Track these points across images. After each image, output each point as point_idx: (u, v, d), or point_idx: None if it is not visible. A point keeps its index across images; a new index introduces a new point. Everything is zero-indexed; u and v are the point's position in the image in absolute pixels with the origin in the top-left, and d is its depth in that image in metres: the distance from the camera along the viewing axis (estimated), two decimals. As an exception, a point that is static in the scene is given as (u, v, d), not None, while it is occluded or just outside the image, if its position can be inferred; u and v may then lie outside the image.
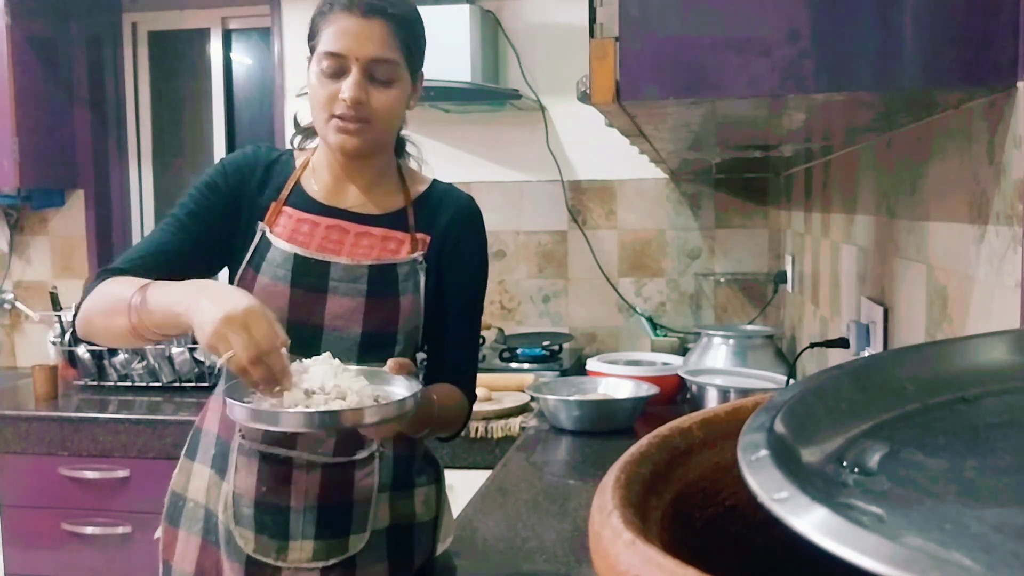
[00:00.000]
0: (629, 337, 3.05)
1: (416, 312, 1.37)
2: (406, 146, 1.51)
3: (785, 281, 2.77)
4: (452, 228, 1.41)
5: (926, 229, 1.18)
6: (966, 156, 1.01)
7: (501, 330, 2.95)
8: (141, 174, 3.46)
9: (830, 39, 0.85)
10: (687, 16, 0.87)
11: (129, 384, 2.80)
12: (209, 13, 3.32)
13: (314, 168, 1.42)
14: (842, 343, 1.61)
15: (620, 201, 3.03)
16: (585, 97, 0.96)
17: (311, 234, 1.36)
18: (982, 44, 0.84)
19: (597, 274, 3.04)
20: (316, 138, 1.46)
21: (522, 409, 2.39)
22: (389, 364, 1.20)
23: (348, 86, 1.28)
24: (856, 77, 0.86)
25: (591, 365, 2.49)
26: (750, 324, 2.78)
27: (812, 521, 0.33)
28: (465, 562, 1.46)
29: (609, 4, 0.86)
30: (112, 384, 2.82)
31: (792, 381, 1.93)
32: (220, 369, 1.49)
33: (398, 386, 1.19)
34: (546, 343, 2.83)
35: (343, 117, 1.29)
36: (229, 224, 1.37)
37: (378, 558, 1.36)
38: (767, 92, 0.87)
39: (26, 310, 3.28)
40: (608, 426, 2.15)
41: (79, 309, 1.28)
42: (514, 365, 2.75)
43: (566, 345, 2.90)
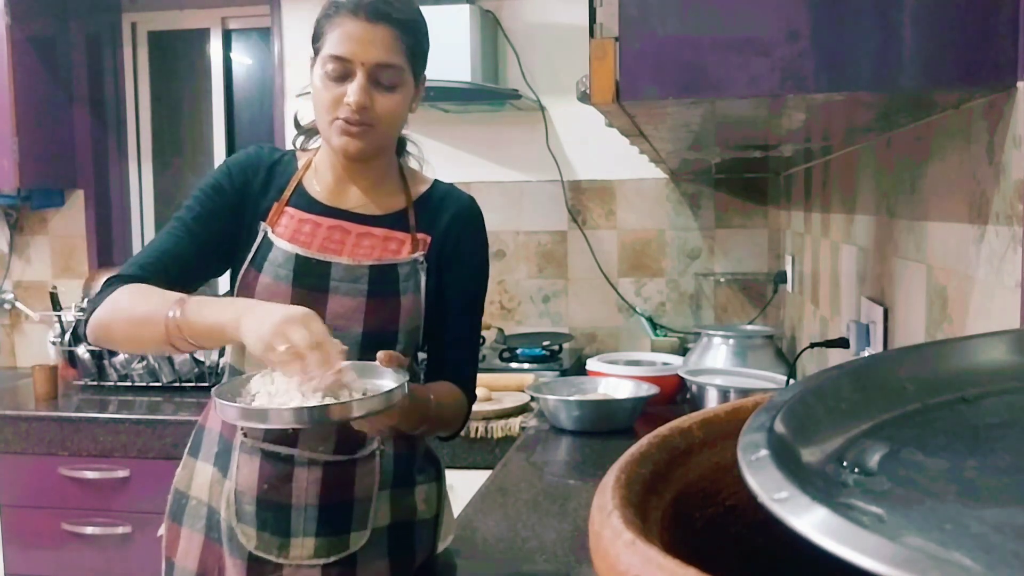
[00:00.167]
0: (629, 337, 3.05)
1: (417, 312, 1.38)
2: (406, 145, 1.51)
3: (785, 281, 2.77)
4: (453, 228, 1.42)
5: (926, 229, 1.18)
6: (966, 156, 1.01)
7: (501, 330, 2.95)
8: (141, 174, 3.46)
9: (830, 39, 0.85)
10: (687, 16, 0.87)
11: (129, 384, 2.80)
12: (209, 13, 3.32)
13: (316, 169, 1.42)
14: (842, 343, 1.61)
15: (620, 201, 3.03)
16: (585, 97, 0.96)
17: (313, 234, 1.37)
18: (982, 44, 0.84)
19: (597, 274, 3.04)
20: (317, 138, 1.46)
21: (522, 409, 2.39)
22: (380, 356, 1.21)
23: (353, 91, 1.28)
24: (856, 77, 0.86)
25: (591, 365, 2.49)
26: (750, 324, 2.78)
27: (812, 521, 0.33)
28: (465, 562, 1.46)
29: (609, 4, 0.86)
30: (112, 384, 2.82)
31: (792, 381, 1.93)
32: (223, 368, 1.50)
33: (388, 379, 1.18)
34: (546, 343, 2.83)
35: (347, 120, 1.30)
36: (234, 225, 1.38)
37: (379, 555, 1.37)
38: (767, 92, 0.87)
39: (26, 310, 3.27)
40: (608, 426, 2.15)
41: (91, 315, 1.29)
42: (514, 365, 2.75)
43: (566, 345, 2.90)
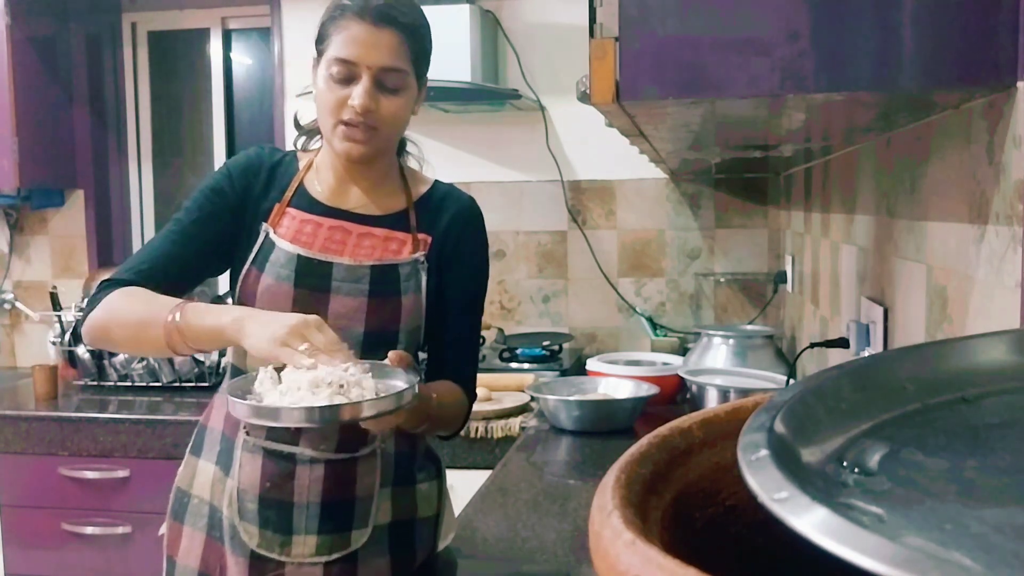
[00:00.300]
0: (629, 337, 3.05)
1: (418, 312, 1.39)
2: (406, 146, 1.52)
3: (785, 281, 2.77)
4: (453, 229, 1.43)
5: (926, 229, 1.18)
6: (966, 156, 1.01)
7: (501, 330, 2.95)
8: (141, 174, 3.46)
9: (829, 39, 0.85)
10: (687, 16, 0.87)
11: (129, 384, 2.80)
12: (209, 13, 3.32)
13: (317, 169, 1.43)
14: (842, 343, 1.61)
15: (620, 201, 3.03)
16: (585, 97, 0.96)
17: (314, 235, 1.38)
18: (982, 44, 0.84)
19: (597, 274, 3.04)
20: (318, 138, 1.47)
21: (522, 409, 2.39)
22: (390, 356, 1.23)
23: (358, 94, 1.29)
24: (856, 77, 0.86)
25: (591, 365, 2.49)
26: (750, 324, 2.78)
27: (812, 521, 0.33)
28: (465, 562, 1.46)
29: (609, 4, 0.86)
30: (112, 384, 2.82)
31: (792, 381, 1.93)
32: (225, 368, 1.51)
33: (398, 379, 1.20)
34: (546, 343, 2.83)
35: (351, 123, 1.31)
36: (233, 227, 1.39)
37: (380, 553, 1.38)
38: (767, 92, 0.87)
39: (26, 310, 3.27)
40: (608, 426, 2.15)
41: (87, 317, 1.31)
42: (514, 365, 2.75)
43: (566, 345, 2.90)
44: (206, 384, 2.76)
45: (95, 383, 2.83)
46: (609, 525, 0.39)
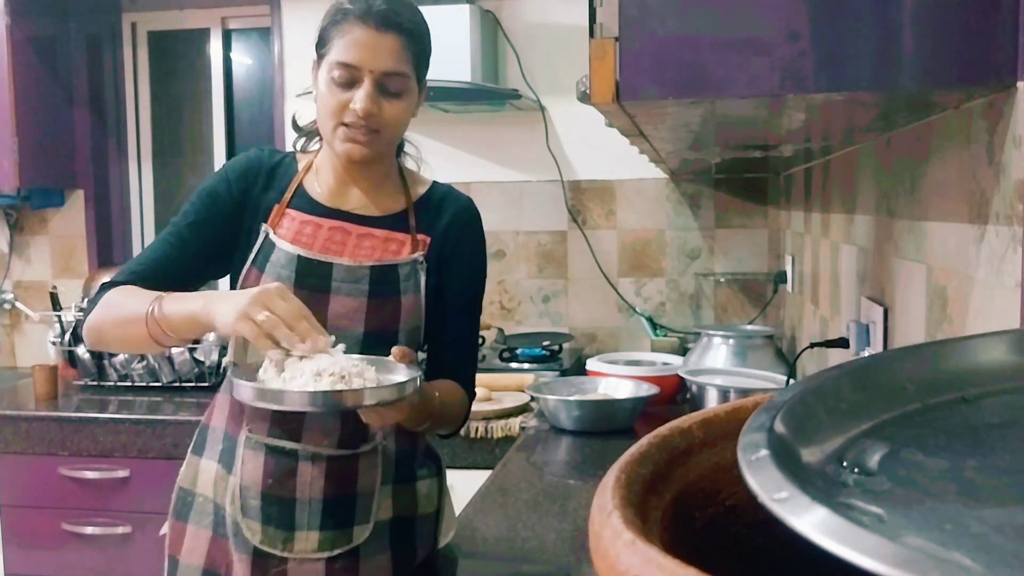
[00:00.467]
0: (629, 337, 3.05)
1: (417, 312, 1.40)
2: (404, 146, 1.53)
3: (785, 281, 2.77)
4: (452, 230, 1.44)
5: (926, 229, 1.18)
6: (965, 156, 1.01)
7: (501, 330, 2.95)
8: (141, 174, 3.46)
9: (829, 39, 0.85)
10: (687, 16, 0.87)
11: (129, 384, 2.80)
12: (209, 13, 3.32)
13: (317, 170, 1.44)
14: (842, 343, 1.61)
15: (620, 201, 3.03)
16: (585, 97, 0.96)
17: (314, 236, 1.38)
18: (982, 44, 0.84)
19: (597, 274, 3.04)
20: (316, 140, 1.47)
21: (522, 409, 2.39)
22: (393, 351, 1.25)
23: (360, 98, 1.29)
24: (855, 77, 0.86)
25: (591, 365, 2.49)
26: (750, 324, 2.78)
27: (812, 521, 0.33)
28: (465, 562, 1.46)
29: (609, 4, 0.86)
30: (112, 384, 2.82)
31: (792, 381, 1.93)
32: (225, 368, 1.51)
33: (400, 374, 1.22)
34: (546, 343, 2.83)
35: (352, 126, 1.31)
36: (232, 230, 1.40)
37: (381, 549, 1.40)
38: (766, 92, 0.87)
39: (26, 310, 3.27)
40: (608, 426, 2.15)
41: (86, 321, 1.34)
42: (514, 365, 2.75)
43: (566, 345, 2.90)
44: (206, 384, 2.76)
45: (95, 383, 2.83)
46: (609, 525, 0.39)
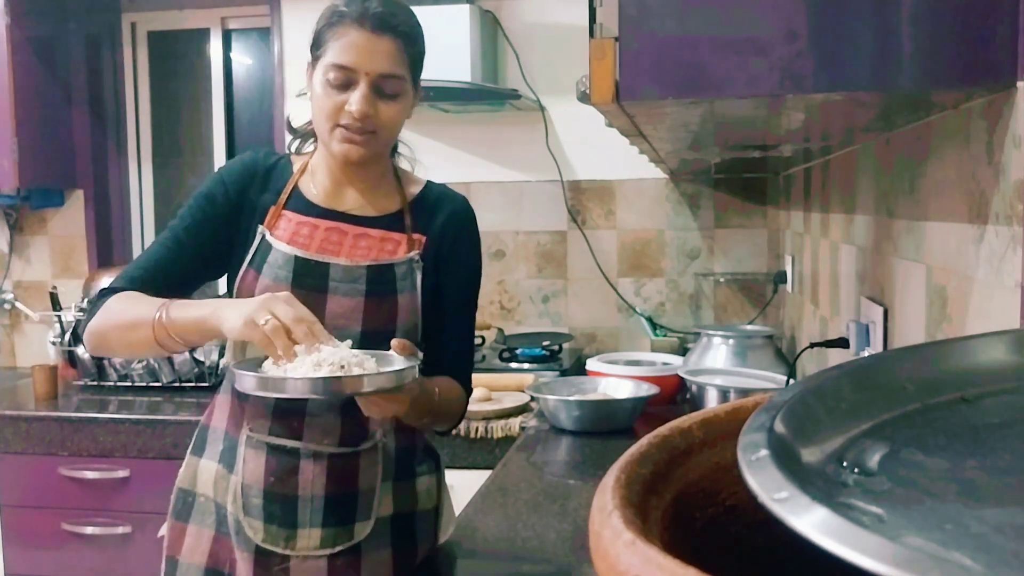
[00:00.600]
0: (629, 337, 3.05)
1: (414, 311, 1.41)
2: (398, 146, 1.54)
3: (785, 281, 2.77)
4: (448, 229, 1.45)
5: (925, 229, 1.18)
6: (965, 156, 1.02)
7: (501, 330, 2.95)
8: (141, 174, 3.46)
9: (828, 39, 0.85)
10: (686, 16, 0.87)
11: (129, 384, 2.80)
12: (209, 13, 3.32)
13: (312, 172, 1.45)
14: (842, 343, 1.61)
15: (619, 201, 3.03)
16: (585, 97, 0.96)
17: (311, 236, 1.39)
18: (981, 44, 0.84)
19: (597, 274, 3.04)
20: (311, 141, 1.48)
21: (522, 409, 2.38)
22: (393, 344, 1.27)
23: (357, 100, 1.30)
24: (854, 77, 0.86)
25: (591, 365, 2.49)
26: (750, 324, 2.78)
27: (812, 521, 0.33)
28: (466, 562, 1.47)
29: (609, 4, 0.86)
30: (112, 384, 2.82)
31: (792, 381, 1.93)
32: (224, 368, 1.52)
33: (399, 365, 1.24)
34: (546, 343, 2.83)
35: (349, 128, 1.32)
36: (229, 232, 1.41)
37: (382, 545, 1.41)
38: (766, 92, 0.87)
39: (26, 310, 3.27)
40: (608, 426, 2.15)
41: (87, 327, 1.35)
42: (514, 365, 2.75)
43: (566, 345, 2.90)
44: (206, 384, 2.76)
45: (95, 383, 2.83)
46: (609, 525, 0.39)
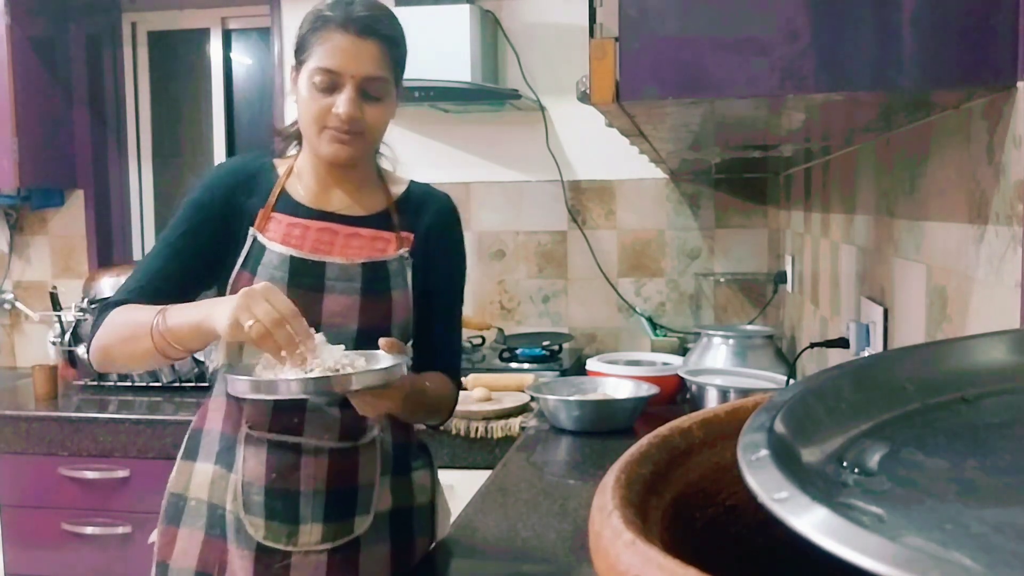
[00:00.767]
0: (629, 337, 3.05)
1: (407, 307, 1.44)
2: (380, 147, 1.55)
3: (785, 281, 2.77)
4: (435, 226, 1.49)
5: (925, 229, 1.18)
6: (965, 156, 1.02)
7: (501, 330, 2.95)
8: (141, 174, 3.46)
9: (829, 39, 0.85)
10: (686, 16, 0.87)
11: (129, 384, 2.80)
12: (209, 13, 3.32)
13: (298, 174, 1.46)
14: (842, 343, 1.61)
15: (620, 201, 3.03)
16: (585, 97, 0.96)
17: (303, 237, 1.41)
18: (982, 44, 0.84)
19: (597, 274, 3.04)
20: (295, 144, 1.51)
21: (522, 409, 2.38)
22: (381, 343, 1.29)
23: (343, 102, 1.33)
24: (855, 77, 0.86)
25: (591, 365, 2.49)
26: (750, 324, 2.78)
27: (812, 521, 0.33)
28: (465, 561, 1.46)
29: (609, 4, 0.86)
30: (112, 384, 2.82)
31: (792, 381, 1.93)
32: (215, 371, 1.53)
33: (387, 363, 1.26)
34: (546, 343, 2.83)
35: (337, 130, 1.34)
36: (221, 237, 1.42)
37: (381, 539, 1.43)
38: (766, 92, 0.87)
39: (26, 310, 3.27)
40: (608, 426, 2.15)
41: (92, 344, 1.36)
42: (514, 365, 2.75)
43: (566, 345, 2.90)
44: (206, 384, 2.76)
45: (95, 383, 2.83)
46: (609, 525, 0.39)
